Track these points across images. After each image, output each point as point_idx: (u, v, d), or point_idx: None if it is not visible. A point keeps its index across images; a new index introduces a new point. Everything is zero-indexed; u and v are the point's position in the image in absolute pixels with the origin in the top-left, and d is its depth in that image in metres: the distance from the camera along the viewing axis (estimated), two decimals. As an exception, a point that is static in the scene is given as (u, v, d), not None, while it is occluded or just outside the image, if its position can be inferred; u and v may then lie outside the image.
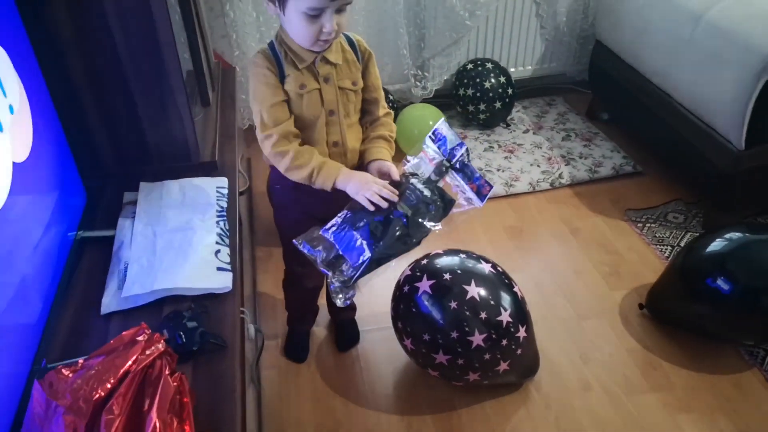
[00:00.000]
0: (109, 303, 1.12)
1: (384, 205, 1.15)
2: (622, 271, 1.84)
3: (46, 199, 1.14)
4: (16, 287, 0.96)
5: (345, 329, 1.64)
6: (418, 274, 1.38)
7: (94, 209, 1.35)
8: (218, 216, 1.32)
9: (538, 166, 2.25)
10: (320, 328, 1.67)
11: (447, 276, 1.33)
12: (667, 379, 1.52)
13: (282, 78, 1.18)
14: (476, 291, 1.31)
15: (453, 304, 1.29)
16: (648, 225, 2.00)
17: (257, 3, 2.12)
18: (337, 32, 1.14)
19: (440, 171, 1.21)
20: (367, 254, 1.12)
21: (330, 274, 1.14)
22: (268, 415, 1.45)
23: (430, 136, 1.21)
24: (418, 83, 2.47)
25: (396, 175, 1.20)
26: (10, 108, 0.99)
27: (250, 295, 1.72)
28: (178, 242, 1.24)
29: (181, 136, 1.47)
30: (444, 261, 1.39)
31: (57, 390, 0.83)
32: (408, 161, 1.21)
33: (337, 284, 1.14)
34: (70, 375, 0.85)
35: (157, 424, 0.83)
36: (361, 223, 1.15)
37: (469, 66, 2.40)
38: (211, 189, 1.39)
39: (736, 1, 1.77)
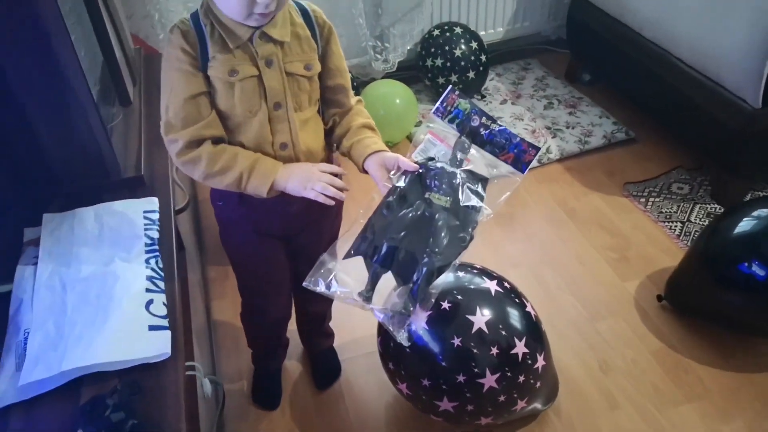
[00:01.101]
0: (5, 392, 0.83)
1: (341, 196, 0.92)
2: (630, 256, 1.62)
3: None
4: None
5: (323, 361, 1.38)
6: (411, 300, 1.12)
7: (-18, 256, 1.04)
8: (148, 251, 1.02)
9: (522, 140, 2.00)
10: (293, 363, 1.40)
11: (446, 304, 1.07)
12: (702, 384, 1.31)
13: (205, 61, 0.89)
14: (483, 320, 1.06)
15: (456, 341, 1.04)
16: (651, 199, 1.78)
17: (180, -26, 1.78)
18: (279, 1, 0.85)
19: (463, 147, 0.95)
20: (423, 267, 0.90)
21: (376, 308, 0.92)
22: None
23: (436, 110, 0.96)
24: (379, 56, 2.18)
25: (409, 164, 0.93)
26: None
27: (203, 328, 1.43)
28: (95, 294, 0.94)
29: (93, 147, 1.15)
30: (440, 280, 1.13)
31: None
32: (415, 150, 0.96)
33: (389, 316, 0.92)
34: None
35: None
36: (396, 232, 0.92)
37: (436, 32, 2.11)
38: (137, 214, 1.09)
39: (742, -65, 1.53)
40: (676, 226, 1.69)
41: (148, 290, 0.95)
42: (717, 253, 1.35)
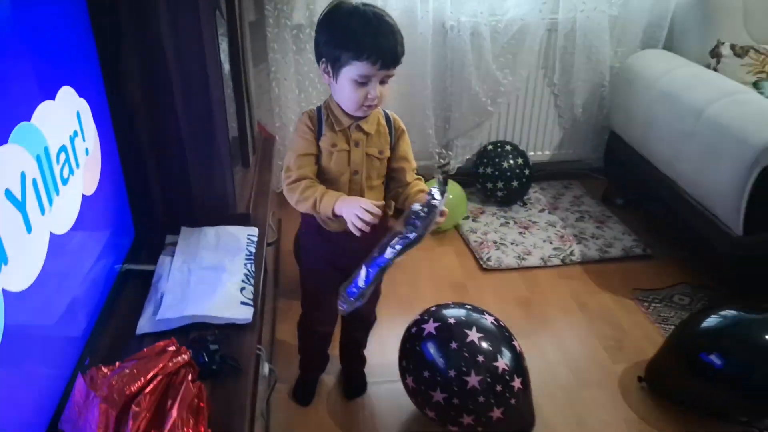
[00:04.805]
0: (144, 325, 1.28)
1: (366, 228, 1.26)
2: (625, 345, 1.91)
3: (102, 232, 1.33)
4: (67, 305, 1.11)
5: (354, 379, 1.74)
6: (426, 318, 1.51)
7: (140, 246, 1.53)
8: (246, 259, 1.48)
9: (551, 243, 2.37)
10: (330, 377, 1.77)
11: (451, 320, 1.47)
12: (662, 450, 1.56)
13: (319, 135, 1.37)
14: (476, 336, 1.43)
15: (453, 345, 1.42)
16: (654, 305, 2.08)
17: (299, 82, 2.39)
18: (380, 99, 1.30)
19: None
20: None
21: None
22: (275, 450, 1.54)
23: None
24: (442, 161, 2.67)
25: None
26: (86, 150, 1.20)
27: (269, 340, 1.85)
28: (210, 279, 1.40)
29: (222, 190, 1.67)
30: (451, 310, 1.53)
31: (96, 383, 0.97)
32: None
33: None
34: (108, 372, 0.99)
35: (177, 421, 0.96)
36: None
37: (489, 147, 2.59)
38: (243, 236, 1.56)
39: (733, 100, 1.93)
40: (670, 328, 1.96)
41: (242, 281, 1.40)
42: (686, 343, 1.64)
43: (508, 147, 2.57)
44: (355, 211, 1.25)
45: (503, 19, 2.41)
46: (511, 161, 2.53)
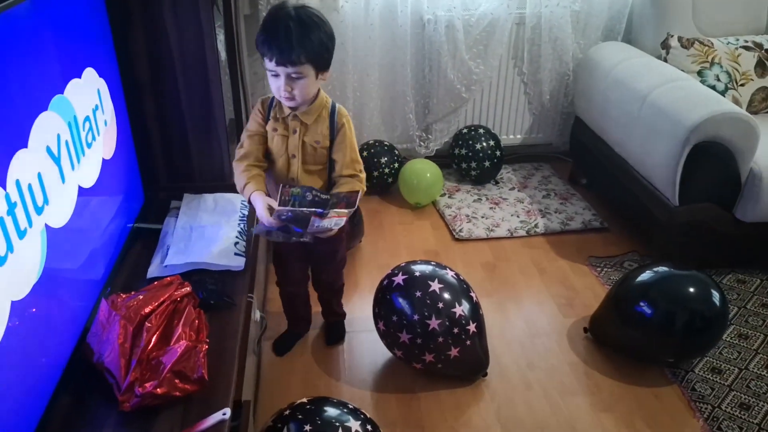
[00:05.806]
0: (153, 270, 1.52)
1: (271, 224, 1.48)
2: (576, 303, 2.16)
3: (117, 192, 1.57)
4: (91, 248, 1.36)
5: (334, 329, 1.99)
6: (396, 271, 1.76)
7: (148, 209, 1.77)
8: (240, 220, 1.73)
9: (518, 216, 2.62)
10: (316, 330, 2.02)
11: (417, 273, 1.71)
12: (597, 387, 1.81)
13: (267, 119, 1.57)
14: (438, 286, 1.68)
15: (418, 293, 1.66)
16: (605, 269, 2.32)
17: (291, 70, 2.62)
18: (292, 94, 1.44)
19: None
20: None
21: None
22: (264, 383, 1.79)
23: (279, 203, 1.41)
24: (422, 143, 2.91)
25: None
26: (105, 122, 1.44)
27: (262, 297, 2.09)
28: (208, 234, 1.65)
29: (219, 164, 1.91)
30: (418, 265, 1.77)
31: (117, 305, 1.22)
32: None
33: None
34: (126, 297, 1.24)
35: (182, 334, 1.20)
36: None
37: (465, 130, 2.83)
38: (238, 202, 1.81)
39: (673, 86, 2.17)
40: (617, 289, 2.21)
41: (236, 237, 1.64)
42: (622, 296, 1.88)
43: (481, 130, 2.81)
44: (258, 213, 1.50)
45: (475, 13, 2.64)
46: (484, 143, 2.77)
